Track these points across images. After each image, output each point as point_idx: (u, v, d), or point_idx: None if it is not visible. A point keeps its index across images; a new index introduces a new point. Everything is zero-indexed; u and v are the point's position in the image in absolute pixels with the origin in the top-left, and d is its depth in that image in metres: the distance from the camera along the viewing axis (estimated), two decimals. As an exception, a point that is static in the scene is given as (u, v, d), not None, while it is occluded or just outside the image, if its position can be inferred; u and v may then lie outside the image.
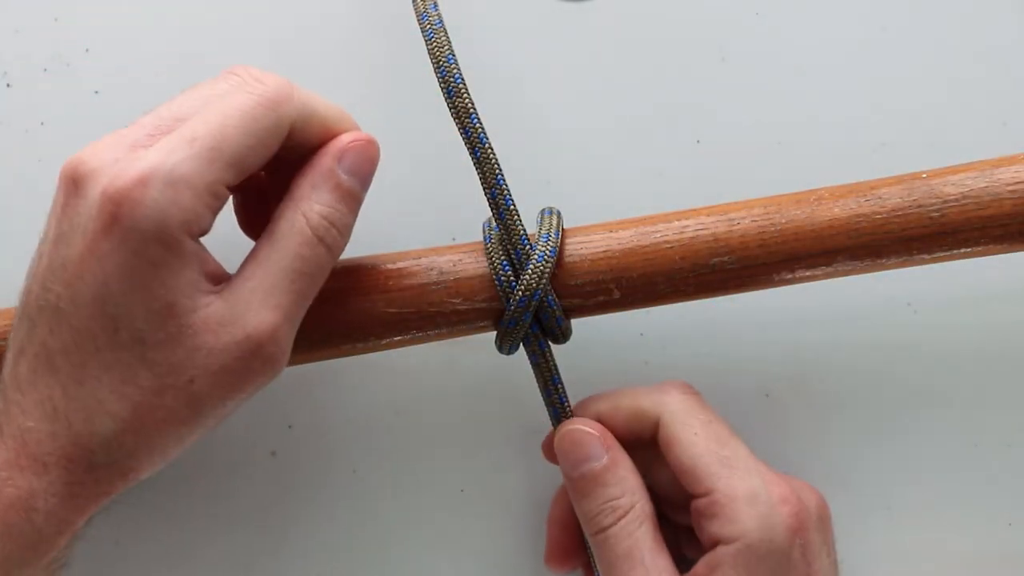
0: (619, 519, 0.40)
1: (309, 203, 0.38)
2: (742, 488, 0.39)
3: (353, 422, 0.47)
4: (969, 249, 0.41)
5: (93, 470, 0.36)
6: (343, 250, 0.40)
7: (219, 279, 0.37)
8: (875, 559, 0.47)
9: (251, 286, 0.37)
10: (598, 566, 0.41)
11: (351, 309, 0.41)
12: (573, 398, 0.44)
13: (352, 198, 0.39)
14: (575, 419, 0.43)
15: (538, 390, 0.43)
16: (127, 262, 0.35)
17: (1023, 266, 0.45)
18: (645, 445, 0.42)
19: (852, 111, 0.49)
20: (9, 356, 0.38)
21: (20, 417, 0.36)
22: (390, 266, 0.41)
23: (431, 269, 0.41)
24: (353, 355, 0.42)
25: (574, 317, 0.42)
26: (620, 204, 0.44)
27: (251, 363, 0.37)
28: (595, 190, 0.48)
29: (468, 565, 0.47)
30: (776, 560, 0.39)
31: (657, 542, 0.40)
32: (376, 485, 0.47)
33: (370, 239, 0.43)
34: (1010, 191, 0.40)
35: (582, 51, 0.49)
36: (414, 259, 0.41)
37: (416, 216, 0.47)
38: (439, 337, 0.41)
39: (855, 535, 0.47)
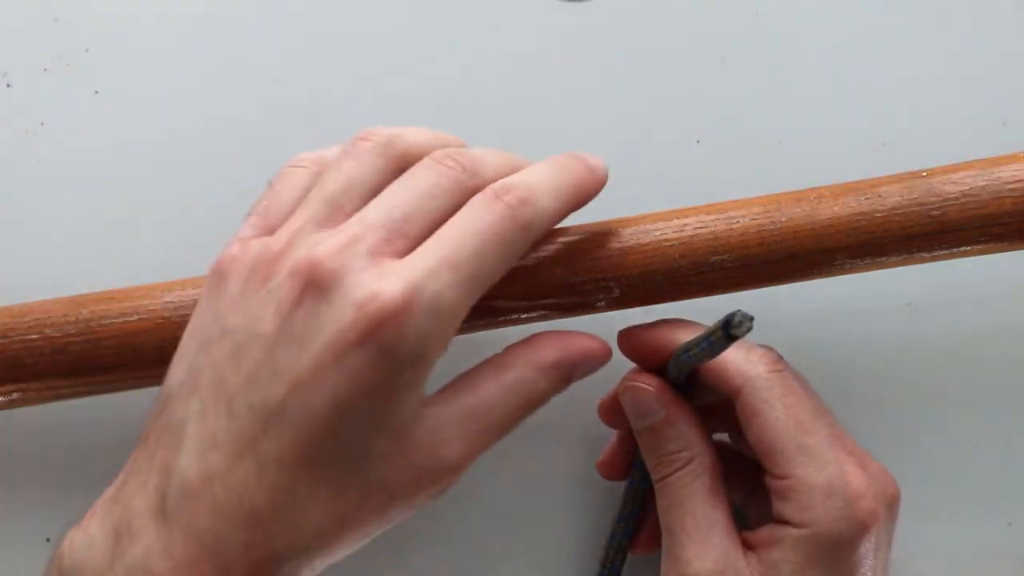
0: (675, 471, 0.41)
1: (543, 378, 0.38)
2: (819, 478, 0.39)
3: (353, 422, 0.47)
4: (969, 247, 0.41)
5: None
6: None
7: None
8: (875, 559, 0.47)
9: (465, 419, 0.36)
10: (658, 510, 0.42)
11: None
12: (569, 399, 0.44)
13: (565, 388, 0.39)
14: (634, 373, 0.42)
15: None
16: (376, 382, 0.34)
17: (1023, 265, 0.45)
18: (723, 401, 0.42)
19: (852, 111, 0.49)
20: (194, 442, 0.34)
21: (208, 517, 0.34)
22: (390, 265, 0.41)
23: (431, 267, 0.41)
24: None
25: (574, 316, 0.42)
26: (620, 204, 0.44)
27: (437, 491, 0.36)
28: (595, 190, 0.48)
29: (468, 564, 0.47)
30: (836, 554, 0.39)
31: (713, 494, 0.40)
32: (376, 485, 0.47)
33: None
34: (1010, 189, 0.40)
35: (582, 51, 0.49)
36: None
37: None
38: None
39: (855, 535, 0.46)
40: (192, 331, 0.37)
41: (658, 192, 0.47)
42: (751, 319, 0.36)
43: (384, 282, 0.34)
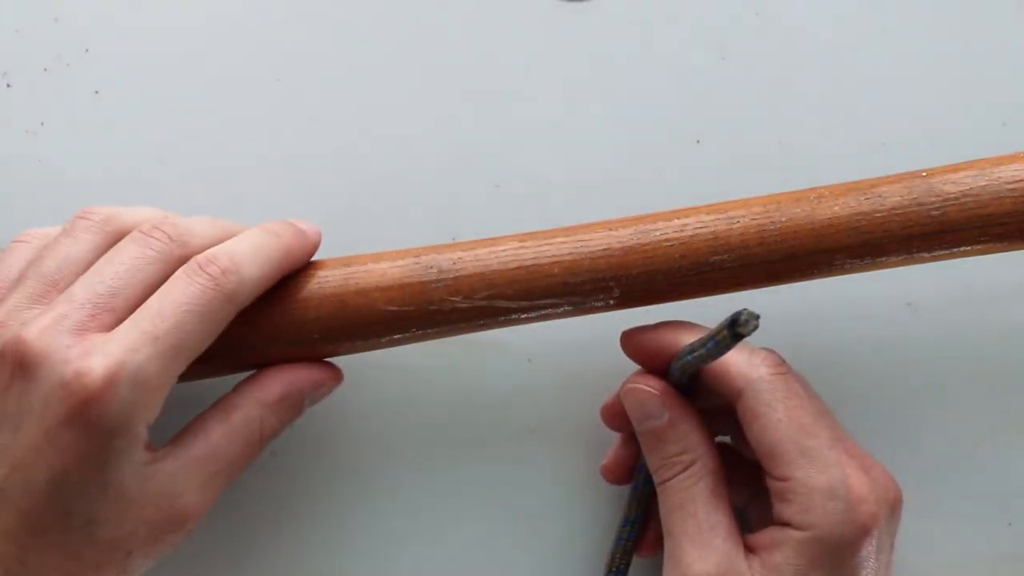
0: (677, 474, 0.41)
1: (271, 413, 0.40)
2: (821, 480, 0.39)
3: (353, 422, 0.47)
4: (969, 247, 0.41)
5: None
6: None
7: (149, 443, 0.38)
8: (875, 559, 0.47)
9: (196, 467, 0.39)
10: (660, 512, 0.42)
11: (351, 307, 0.41)
12: (570, 400, 0.44)
13: (299, 417, 0.42)
14: (637, 375, 0.43)
15: (538, 391, 0.43)
16: (88, 454, 0.36)
17: (1022, 265, 0.45)
18: (724, 402, 0.42)
19: (852, 111, 0.49)
20: None
21: None
22: (390, 264, 0.41)
23: (431, 267, 0.41)
24: (353, 353, 0.42)
25: (574, 316, 0.42)
26: (620, 204, 0.44)
27: (180, 538, 0.39)
28: (595, 190, 0.48)
29: (469, 564, 0.47)
30: (838, 557, 0.39)
31: (715, 496, 0.40)
32: (376, 485, 0.47)
33: (370, 238, 0.43)
34: (1010, 189, 0.40)
35: (582, 51, 0.49)
36: (414, 257, 0.41)
37: (416, 215, 0.47)
38: (439, 335, 0.41)
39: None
40: None
41: (658, 192, 0.47)
42: (757, 317, 0.36)
43: (88, 360, 0.36)
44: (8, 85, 0.48)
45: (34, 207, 0.47)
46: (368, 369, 0.46)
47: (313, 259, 0.42)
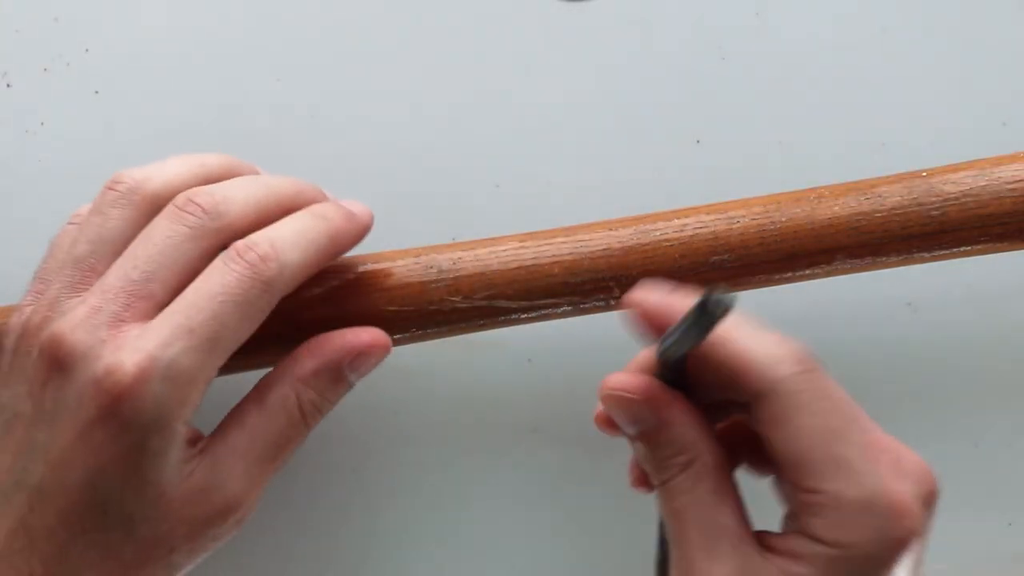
0: (673, 477, 0.37)
1: (307, 387, 0.39)
2: (855, 493, 0.35)
3: (353, 422, 0.47)
4: (969, 247, 0.41)
5: None
6: None
7: (195, 438, 0.37)
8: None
9: (236, 455, 0.37)
10: (663, 517, 0.38)
11: (351, 307, 0.41)
12: (570, 400, 0.44)
13: (347, 390, 0.40)
14: (615, 376, 0.38)
15: (536, 391, 0.43)
16: (123, 452, 0.35)
17: (1022, 265, 0.45)
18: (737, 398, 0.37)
19: (852, 111, 0.49)
20: None
21: None
22: (390, 264, 0.41)
23: (431, 267, 0.41)
24: (353, 353, 0.42)
25: (574, 316, 0.42)
26: (620, 204, 0.44)
27: (228, 529, 0.38)
28: (595, 190, 0.48)
29: (469, 565, 0.47)
30: (869, 573, 0.35)
31: (719, 497, 0.36)
32: (376, 485, 0.47)
33: (370, 237, 0.43)
34: (1010, 189, 0.40)
35: (582, 51, 0.49)
36: (414, 257, 0.41)
37: (416, 215, 0.47)
38: (439, 335, 0.41)
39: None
40: None
41: (658, 192, 0.47)
42: (732, 300, 0.32)
43: (120, 355, 0.35)
44: (8, 85, 0.48)
45: (34, 207, 0.47)
46: (368, 369, 0.46)
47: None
